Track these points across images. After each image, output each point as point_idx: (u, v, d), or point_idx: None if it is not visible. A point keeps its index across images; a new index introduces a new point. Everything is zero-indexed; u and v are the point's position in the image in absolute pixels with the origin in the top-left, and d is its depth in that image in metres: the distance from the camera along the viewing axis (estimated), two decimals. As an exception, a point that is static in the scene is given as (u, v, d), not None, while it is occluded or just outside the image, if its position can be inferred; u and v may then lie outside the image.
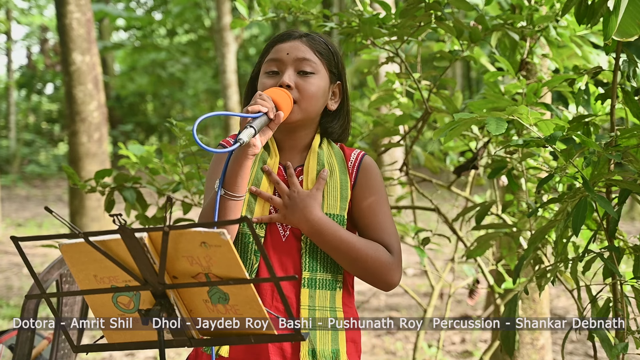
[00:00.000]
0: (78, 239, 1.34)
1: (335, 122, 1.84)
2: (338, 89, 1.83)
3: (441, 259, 7.69)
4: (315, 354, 1.70)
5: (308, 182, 1.77)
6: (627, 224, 10.49)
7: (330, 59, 1.79)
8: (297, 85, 1.73)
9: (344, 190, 1.78)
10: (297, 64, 1.75)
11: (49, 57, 21.69)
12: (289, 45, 1.76)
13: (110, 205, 2.90)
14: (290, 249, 1.74)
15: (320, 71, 1.76)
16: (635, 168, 1.96)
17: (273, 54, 1.77)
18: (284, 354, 1.70)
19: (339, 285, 1.76)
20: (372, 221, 1.79)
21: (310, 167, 1.78)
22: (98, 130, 7.33)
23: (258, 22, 2.72)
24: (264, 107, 1.60)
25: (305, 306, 1.71)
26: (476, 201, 3.26)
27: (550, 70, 3.06)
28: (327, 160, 1.80)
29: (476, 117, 1.95)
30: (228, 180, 1.63)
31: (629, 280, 2.01)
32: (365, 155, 1.85)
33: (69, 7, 7.19)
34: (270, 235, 1.74)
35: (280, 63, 1.75)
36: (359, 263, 1.72)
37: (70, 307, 2.52)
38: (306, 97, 1.73)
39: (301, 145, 1.81)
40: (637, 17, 1.92)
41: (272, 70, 1.76)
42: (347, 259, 1.72)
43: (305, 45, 1.77)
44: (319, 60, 1.77)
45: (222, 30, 13.10)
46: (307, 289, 1.72)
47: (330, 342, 1.72)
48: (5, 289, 6.99)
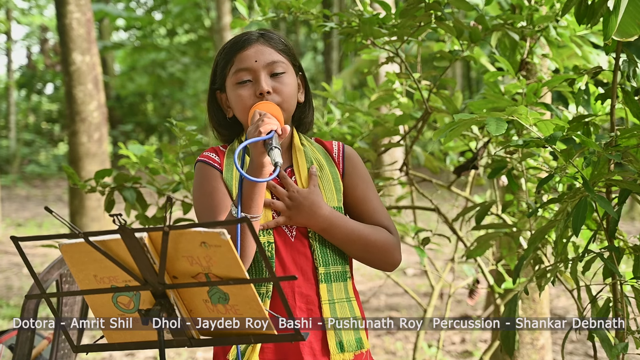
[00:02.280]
0: (78, 239, 1.34)
1: (307, 112, 1.87)
2: (300, 80, 1.86)
3: (441, 259, 7.69)
4: (342, 345, 1.73)
5: (302, 180, 1.78)
6: (627, 224, 10.49)
7: (290, 53, 1.82)
8: (275, 89, 1.75)
9: (336, 182, 1.81)
10: (268, 68, 1.76)
11: (49, 57, 21.69)
12: (253, 51, 1.77)
13: (110, 205, 2.90)
14: (300, 247, 1.76)
15: (288, 68, 1.79)
16: (635, 168, 1.96)
17: (240, 64, 1.77)
18: (313, 352, 1.73)
19: (348, 275, 1.80)
20: (367, 207, 1.83)
21: (301, 166, 1.80)
22: (98, 130, 7.33)
23: (258, 22, 2.72)
24: (273, 124, 1.62)
25: (326, 301, 1.74)
26: (476, 201, 3.26)
27: (550, 70, 3.05)
28: (313, 156, 1.83)
29: (476, 118, 1.95)
30: (246, 202, 1.64)
31: (629, 280, 2.01)
32: (344, 145, 1.89)
33: (69, 7, 7.19)
34: (279, 238, 1.75)
35: (251, 71, 1.76)
36: (370, 248, 1.77)
37: (70, 307, 2.52)
38: (286, 98, 1.76)
39: (284, 145, 1.82)
40: (637, 17, 1.92)
41: (243, 80, 1.76)
42: (358, 247, 1.77)
43: (267, 46, 1.78)
44: (284, 57, 1.79)
45: (222, 30, 13.09)
46: (324, 284, 1.75)
47: (353, 332, 1.76)
48: (5, 289, 6.99)
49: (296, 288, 1.73)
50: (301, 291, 1.73)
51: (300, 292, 1.73)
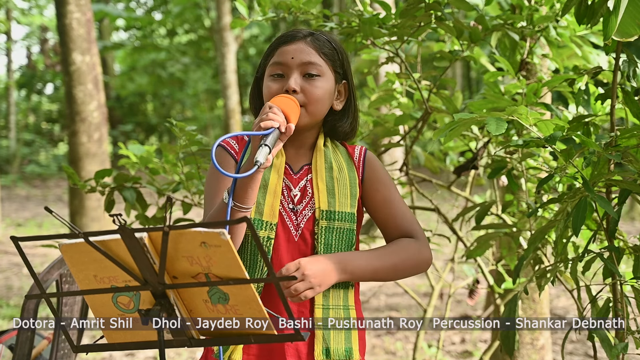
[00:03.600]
0: (78, 239, 1.34)
1: (344, 121, 1.84)
2: (344, 88, 1.83)
3: (441, 259, 7.69)
4: (329, 352, 1.71)
5: (317, 179, 1.77)
6: (627, 224, 10.48)
7: (335, 59, 1.79)
8: (303, 89, 1.73)
9: (353, 187, 1.79)
10: (302, 67, 1.74)
11: (49, 57, 21.69)
12: (293, 48, 1.76)
13: (110, 205, 2.90)
14: (303, 248, 1.75)
15: (325, 73, 1.76)
16: (635, 168, 1.96)
17: (277, 57, 1.77)
18: (299, 355, 1.71)
19: (351, 283, 1.78)
20: (390, 212, 1.82)
21: (319, 165, 1.78)
22: (98, 130, 7.33)
23: (258, 22, 2.71)
24: (275, 121, 1.59)
25: (319, 305, 1.72)
26: (476, 201, 3.26)
27: (550, 70, 3.05)
28: (334, 158, 1.81)
29: (476, 117, 1.95)
30: (238, 192, 1.62)
31: (628, 280, 2.01)
32: (366, 149, 1.87)
33: (69, 7, 7.19)
34: (282, 236, 1.74)
35: (285, 67, 1.75)
36: (399, 272, 1.77)
37: (70, 307, 2.52)
38: (312, 101, 1.73)
39: (306, 145, 1.81)
40: (637, 17, 1.92)
41: (277, 74, 1.76)
42: (388, 276, 1.76)
43: (309, 47, 1.76)
44: (324, 61, 1.76)
45: (222, 30, 13.10)
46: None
47: (343, 341, 1.74)
48: (5, 289, 6.99)
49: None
50: None
51: None
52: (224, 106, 13.49)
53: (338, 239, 1.76)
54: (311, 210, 1.76)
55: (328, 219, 1.75)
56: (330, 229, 1.75)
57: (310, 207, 1.76)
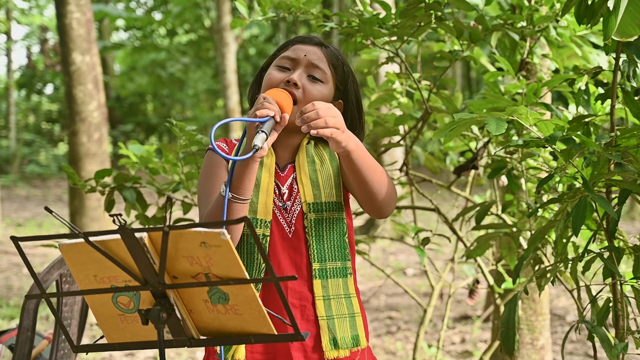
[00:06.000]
0: (78, 239, 1.34)
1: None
2: (339, 106, 1.84)
3: (441, 259, 7.69)
4: (336, 342, 1.74)
5: (301, 174, 1.80)
6: (627, 224, 10.48)
7: (338, 73, 1.83)
8: (304, 87, 1.77)
9: (337, 177, 1.82)
10: (309, 68, 1.79)
11: (49, 57, 21.70)
12: (308, 49, 1.82)
13: (110, 205, 2.90)
14: (297, 243, 1.77)
15: (328, 82, 1.81)
16: (635, 168, 1.96)
17: (290, 52, 1.82)
18: (304, 348, 1.74)
19: (349, 271, 1.80)
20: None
21: (302, 161, 1.81)
22: (98, 130, 7.33)
23: (258, 22, 2.72)
24: (271, 110, 1.62)
25: (319, 297, 1.75)
26: (476, 201, 3.26)
27: (550, 70, 3.05)
28: (315, 152, 1.83)
29: (476, 117, 1.95)
30: (235, 183, 1.65)
31: (628, 280, 2.01)
32: None
33: (69, 7, 7.19)
34: (276, 233, 1.77)
35: (294, 61, 1.80)
36: (383, 177, 1.72)
37: (70, 307, 2.52)
38: (308, 100, 1.76)
39: (294, 145, 1.84)
40: (637, 17, 1.92)
41: (284, 66, 1.80)
42: (371, 173, 1.70)
43: (322, 53, 1.82)
44: (330, 72, 1.82)
45: (222, 30, 13.10)
46: (319, 280, 1.76)
47: (349, 329, 1.76)
48: (5, 289, 6.99)
49: (289, 284, 1.74)
50: (294, 287, 1.75)
51: (293, 288, 1.75)
52: (224, 106, 13.50)
53: (329, 229, 1.79)
54: (299, 205, 1.79)
55: (316, 210, 1.78)
56: (320, 221, 1.78)
57: (299, 203, 1.79)
